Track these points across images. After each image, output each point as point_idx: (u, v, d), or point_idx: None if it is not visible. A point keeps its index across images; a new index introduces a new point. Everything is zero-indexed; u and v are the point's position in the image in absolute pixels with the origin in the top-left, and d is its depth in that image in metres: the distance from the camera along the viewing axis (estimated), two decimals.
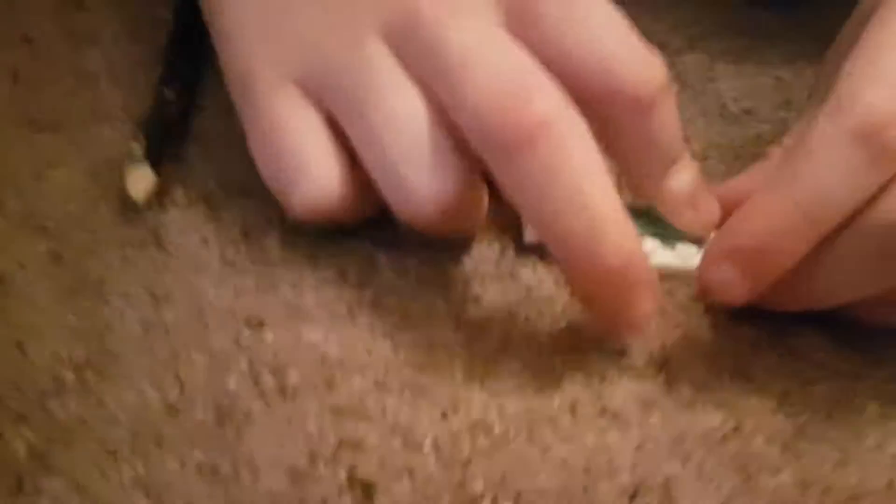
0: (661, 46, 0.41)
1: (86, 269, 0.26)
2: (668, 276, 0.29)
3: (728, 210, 0.29)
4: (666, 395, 0.26)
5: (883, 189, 0.24)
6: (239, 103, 0.27)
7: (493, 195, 0.28)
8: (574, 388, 0.26)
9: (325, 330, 0.26)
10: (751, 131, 0.37)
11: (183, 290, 0.26)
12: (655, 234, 0.30)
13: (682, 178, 0.27)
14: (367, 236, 0.28)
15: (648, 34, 0.42)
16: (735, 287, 0.25)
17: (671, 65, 0.40)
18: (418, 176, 0.24)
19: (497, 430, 0.24)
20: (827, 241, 0.25)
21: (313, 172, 0.26)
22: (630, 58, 0.25)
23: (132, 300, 0.26)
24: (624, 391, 0.26)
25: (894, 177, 0.24)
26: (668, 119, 0.26)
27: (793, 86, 0.40)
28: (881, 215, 0.24)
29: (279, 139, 0.26)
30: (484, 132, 0.23)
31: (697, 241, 0.30)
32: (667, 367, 0.27)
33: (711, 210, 0.29)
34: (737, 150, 0.36)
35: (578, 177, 0.23)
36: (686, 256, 0.30)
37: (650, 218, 0.30)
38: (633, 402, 0.26)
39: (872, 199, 0.24)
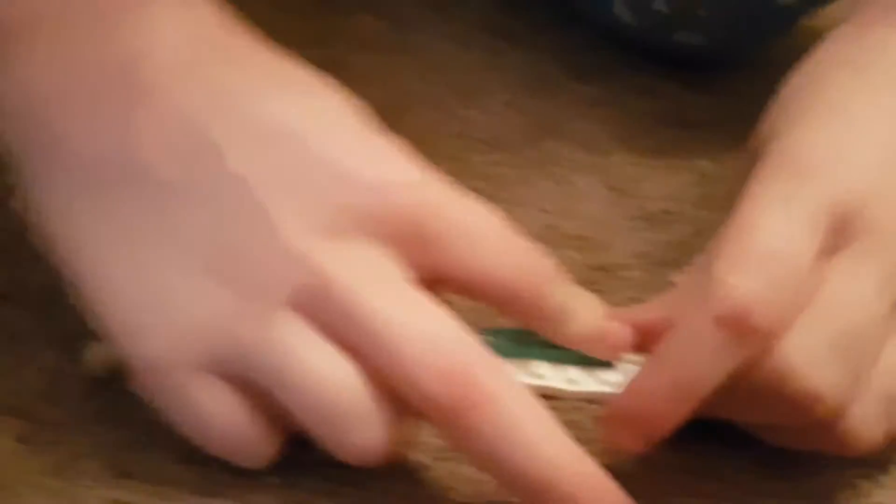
0: (590, 145, 0.45)
1: (56, 450, 0.29)
2: (594, 401, 0.32)
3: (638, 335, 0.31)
4: None
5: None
6: (149, 396, 0.27)
7: None
8: None
9: (275, 495, 0.28)
10: (673, 236, 0.40)
11: (144, 467, 0.29)
12: (577, 363, 0.33)
13: (581, 322, 0.30)
14: None
15: (579, 133, 0.45)
16: (634, 445, 0.28)
17: (600, 168, 0.43)
18: (359, 434, 0.25)
19: None
20: None
21: (248, 450, 0.26)
22: (519, 266, 0.27)
23: (99, 480, 0.28)
24: None
25: None
26: (559, 291, 0.29)
27: (713, 179, 0.43)
28: (756, 381, 0.26)
29: (211, 433, 0.26)
30: (425, 401, 0.25)
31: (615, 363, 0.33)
32: None
33: (620, 336, 0.31)
34: (660, 257, 0.38)
35: (522, 427, 0.25)
36: (608, 382, 0.32)
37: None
38: None
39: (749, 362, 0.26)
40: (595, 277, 0.37)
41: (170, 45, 0.26)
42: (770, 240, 0.26)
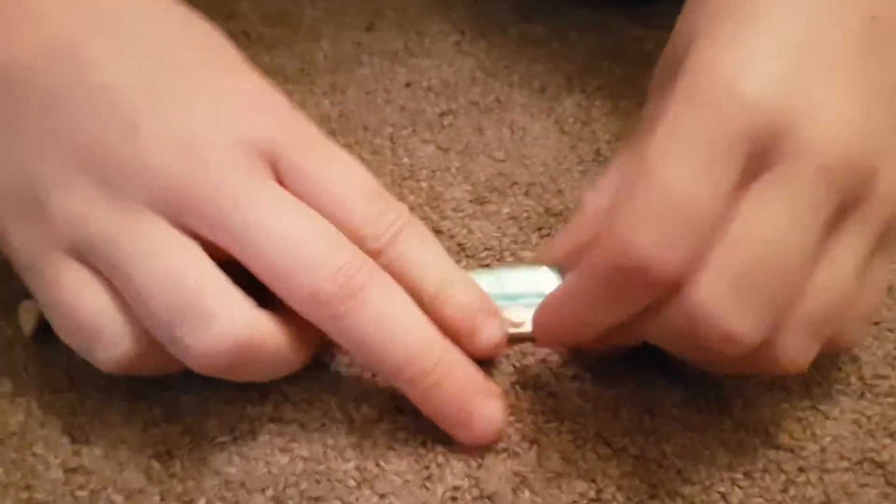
0: (542, 90, 0.45)
1: (7, 418, 0.29)
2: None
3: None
4: (536, 471, 0.29)
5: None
6: (29, 285, 0.28)
7: None
8: (455, 478, 0.29)
9: (229, 452, 0.29)
10: None
11: (97, 430, 0.29)
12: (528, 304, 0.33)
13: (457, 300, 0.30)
14: None
15: (529, 76, 0.45)
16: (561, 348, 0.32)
17: (551, 110, 0.43)
18: (192, 331, 0.26)
19: None
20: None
21: (106, 336, 0.27)
22: (366, 211, 0.29)
23: (53, 446, 0.29)
24: (499, 473, 0.29)
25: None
26: (416, 245, 0.30)
27: None
28: (670, 321, 0.26)
29: (70, 309, 0.27)
30: (309, 299, 0.27)
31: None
32: (537, 442, 0.30)
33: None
34: None
35: (388, 314, 0.28)
36: None
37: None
38: (506, 483, 0.29)
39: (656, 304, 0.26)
40: (547, 222, 0.37)
41: None
42: (673, 190, 0.25)
